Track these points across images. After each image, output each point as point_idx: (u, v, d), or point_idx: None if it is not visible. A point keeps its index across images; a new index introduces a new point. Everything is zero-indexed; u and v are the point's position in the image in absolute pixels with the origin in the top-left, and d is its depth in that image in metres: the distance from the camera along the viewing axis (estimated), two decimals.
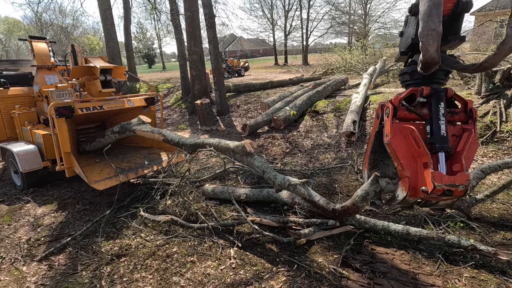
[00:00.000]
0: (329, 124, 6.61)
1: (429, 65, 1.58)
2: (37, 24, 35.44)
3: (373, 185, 2.01)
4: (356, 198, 2.14)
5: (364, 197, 2.08)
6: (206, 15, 8.20)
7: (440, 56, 1.55)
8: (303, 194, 2.58)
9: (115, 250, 2.98)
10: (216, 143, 3.16)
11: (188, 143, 3.41)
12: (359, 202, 2.12)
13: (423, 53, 1.55)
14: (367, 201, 2.09)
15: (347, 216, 2.43)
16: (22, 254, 2.99)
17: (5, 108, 5.02)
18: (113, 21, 13.54)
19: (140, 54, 42.38)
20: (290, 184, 2.62)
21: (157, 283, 2.50)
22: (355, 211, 2.24)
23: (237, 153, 2.93)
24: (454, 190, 1.56)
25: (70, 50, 4.99)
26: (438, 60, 1.55)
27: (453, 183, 1.55)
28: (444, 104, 1.72)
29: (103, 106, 4.14)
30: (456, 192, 1.56)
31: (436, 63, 1.57)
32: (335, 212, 2.41)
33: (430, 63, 1.56)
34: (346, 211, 2.31)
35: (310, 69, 19.23)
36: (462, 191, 1.56)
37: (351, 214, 2.37)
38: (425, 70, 1.64)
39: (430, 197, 1.68)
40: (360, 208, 2.18)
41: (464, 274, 2.33)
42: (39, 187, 4.69)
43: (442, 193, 1.58)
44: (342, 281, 2.37)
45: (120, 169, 4.12)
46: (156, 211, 3.66)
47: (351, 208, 2.22)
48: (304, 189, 2.58)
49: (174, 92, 12.63)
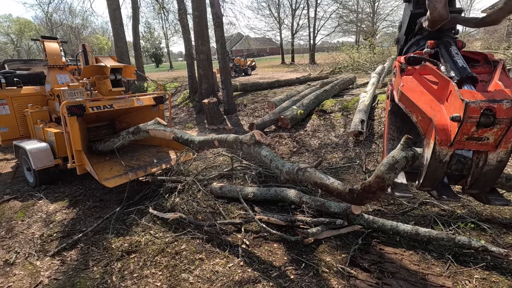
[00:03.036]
0: (336, 123, 6.58)
1: (437, 22, 1.55)
2: (47, 24, 36.09)
3: (404, 150, 1.56)
4: (381, 168, 1.63)
5: (392, 166, 1.58)
6: (214, 15, 8.23)
7: (448, 12, 1.51)
8: (314, 178, 2.25)
9: (125, 246, 3.03)
10: (224, 137, 3.17)
11: (197, 140, 3.44)
12: (385, 173, 1.61)
13: (430, 11, 1.53)
14: (395, 171, 1.59)
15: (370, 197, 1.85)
16: (36, 249, 3.07)
17: (18, 107, 5.13)
18: (122, 21, 13.70)
19: (148, 53, 42.78)
20: (299, 169, 2.35)
21: (167, 279, 2.54)
22: (381, 186, 1.68)
23: (245, 143, 2.86)
24: (497, 108, 1.15)
25: (81, 50, 5.08)
26: (447, 15, 1.51)
27: (492, 98, 1.17)
28: (456, 47, 1.57)
29: (113, 105, 4.21)
30: (501, 110, 1.15)
31: (445, 19, 1.53)
32: (353, 193, 1.92)
33: (439, 20, 1.53)
34: (368, 189, 1.81)
35: (317, 68, 19.13)
36: (509, 110, 1.14)
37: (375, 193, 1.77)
38: (433, 27, 1.61)
39: (467, 130, 1.21)
40: (387, 181, 1.63)
41: (475, 276, 2.30)
42: (51, 184, 4.79)
43: (482, 117, 1.17)
44: (350, 281, 2.37)
45: (130, 167, 4.18)
46: (165, 208, 3.71)
47: (375, 183, 1.71)
48: (315, 172, 2.28)
49: (181, 91, 12.72)
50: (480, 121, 1.18)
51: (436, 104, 1.39)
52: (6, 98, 5.01)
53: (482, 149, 1.28)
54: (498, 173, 1.33)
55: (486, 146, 1.26)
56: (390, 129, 1.95)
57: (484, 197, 1.50)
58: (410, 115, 1.50)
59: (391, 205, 3.49)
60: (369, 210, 3.42)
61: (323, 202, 3.18)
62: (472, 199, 3.36)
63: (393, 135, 1.95)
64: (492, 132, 1.20)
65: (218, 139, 3.14)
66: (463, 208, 3.24)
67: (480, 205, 3.27)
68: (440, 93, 1.40)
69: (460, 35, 12.76)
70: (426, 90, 1.47)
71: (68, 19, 33.53)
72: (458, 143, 1.26)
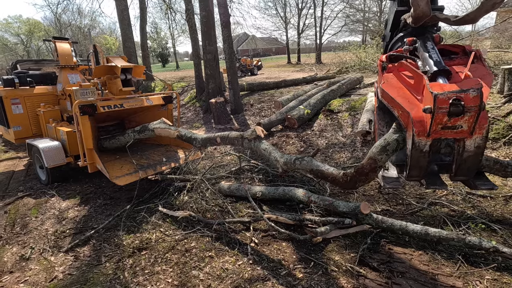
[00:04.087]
0: (344, 123, 6.56)
1: (420, 18, 1.65)
2: (56, 25, 36.60)
3: (396, 133, 1.64)
4: (373, 150, 1.72)
5: (383, 148, 1.67)
6: (221, 15, 8.27)
7: (430, 9, 1.59)
8: (311, 166, 2.38)
9: (136, 243, 3.09)
10: (226, 134, 3.31)
11: (200, 138, 3.56)
12: (377, 154, 1.70)
13: (414, 8, 1.62)
14: (387, 153, 1.67)
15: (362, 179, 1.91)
16: (50, 245, 3.15)
17: (31, 106, 5.25)
18: (130, 21, 13.85)
19: (154, 53, 43.12)
20: (296, 158, 2.52)
21: (177, 276, 2.58)
22: (373, 167, 1.76)
23: (246, 138, 3.02)
24: (464, 97, 1.22)
25: (92, 50, 5.16)
26: (429, 12, 1.60)
27: (459, 89, 1.23)
28: (433, 43, 1.64)
29: (124, 104, 4.28)
30: (468, 99, 1.22)
31: (427, 15, 1.62)
32: (347, 177, 2.01)
33: (422, 16, 1.63)
34: (361, 171, 1.88)
35: (323, 67, 19.06)
36: (476, 98, 1.22)
37: (367, 175, 1.84)
38: (416, 23, 1.71)
39: (440, 120, 1.29)
40: (379, 162, 1.71)
41: (486, 276, 2.29)
42: (63, 182, 4.89)
43: (452, 107, 1.24)
44: (359, 280, 2.38)
45: (139, 166, 4.24)
46: (174, 207, 3.76)
47: (367, 164, 1.79)
48: (311, 161, 2.43)
49: (188, 91, 12.80)
50: (450, 111, 1.26)
51: (413, 99, 1.48)
52: (19, 98, 5.13)
53: (459, 136, 1.35)
54: (478, 158, 1.39)
55: (462, 134, 1.33)
56: (379, 125, 2.03)
57: (471, 182, 1.59)
58: (392, 110, 1.58)
59: (399, 205, 3.49)
60: (377, 210, 3.42)
61: (331, 202, 3.18)
62: (482, 200, 3.33)
63: (382, 130, 2.02)
64: (464, 120, 1.28)
65: (221, 136, 3.30)
66: (473, 208, 3.22)
67: (491, 205, 3.24)
68: (417, 87, 1.49)
69: (470, 35, 12.58)
70: (404, 86, 1.56)
71: (77, 20, 34.04)
72: (435, 133, 1.34)
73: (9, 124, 5.11)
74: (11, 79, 5.13)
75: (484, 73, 1.50)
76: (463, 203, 3.33)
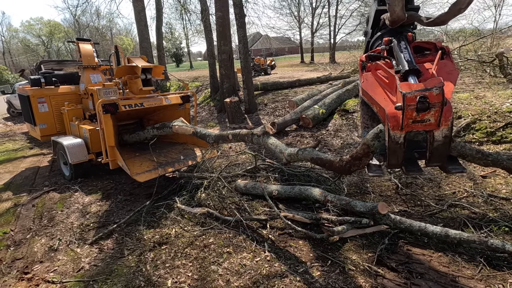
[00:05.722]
0: (359, 123, 6.50)
1: (396, 22, 1.83)
2: (75, 26, 37.80)
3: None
4: (367, 137, 1.95)
5: (376, 135, 1.89)
6: (237, 15, 8.35)
7: (405, 14, 1.75)
8: (312, 155, 2.61)
9: (156, 238, 3.19)
10: (237, 132, 3.52)
11: (213, 134, 3.82)
12: (370, 141, 1.91)
13: (390, 13, 1.78)
14: (379, 140, 1.89)
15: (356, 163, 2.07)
16: (76, 237, 3.30)
17: (56, 105, 5.48)
18: (147, 22, 14.15)
19: (169, 53, 43.80)
20: (299, 149, 2.76)
21: (197, 270, 2.66)
22: (366, 152, 1.97)
23: (255, 134, 3.22)
24: (429, 95, 1.41)
25: (114, 51, 5.34)
26: (404, 17, 1.77)
27: (424, 88, 1.43)
28: (406, 42, 1.80)
29: (144, 104, 4.41)
30: (432, 97, 1.41)
31: (402, 20, 1.79)
32: (342, 162, 2.21)
33: (397, 20, 1.81)
34: (355, 156, 2.08)
35: (337, 67, 18.84)
36: (439, 95, 1.41)
37: (360, 159, 2.02)
38: (393, 25, 1.89)
39: (410, 115, 1.47)
40: (371, 147, 1.92)
41: (509, 280, 2.25)
42: (85, 177, 5.09)
43: (418, 104, 1.42)
44: (377, 279, 2.38)
45: (158, 163, 4.37)
46: (192, 203, 3.85)
47: (361, 149, 1.99)
48: (312, 151, 2.66)
49: (202, 90, 12.97)
50: (418, 107, 1.43)
51: (387, 96, 1.66)
52: (45, 97, 5.37)
53: (428, 128, 1.53)
54: (447, 146, 1.58)
55: (431, 126, 1.51)
56: (363, 118, 2.18)
57: (445, 167, 1.79)
58: (371, 106, 1.74)
59: (417, 207, 3.45)
60: (395, 210, 3.39)
61: (348, 201, 3.19)
62: (505, 203, 3.25)
63: (367, 123, 2.17)
64: (431, 114, 1.46)
65: (232, 133, 3.53)
66: (496, 211, 3.14)
67: None
68: (391, 86, 1.66)
69: (492, 32, 12.14)
70: (381, 85, 1.72)
71: (95, 21, 35.03)
72: (407, 127, 1.51)
73: (36, 121, 5.36)
74: (37, 79, 5.38)
75: (451, 68, 1.68)
76: (485, 205, 3.26)
